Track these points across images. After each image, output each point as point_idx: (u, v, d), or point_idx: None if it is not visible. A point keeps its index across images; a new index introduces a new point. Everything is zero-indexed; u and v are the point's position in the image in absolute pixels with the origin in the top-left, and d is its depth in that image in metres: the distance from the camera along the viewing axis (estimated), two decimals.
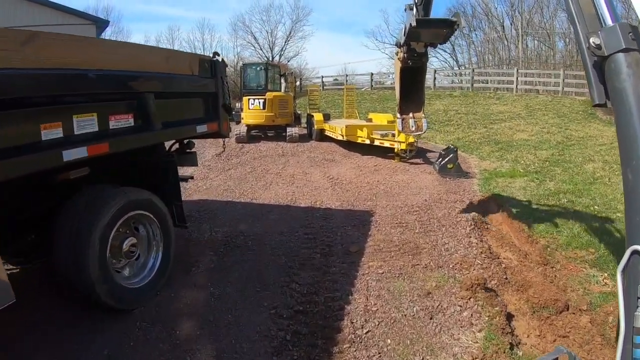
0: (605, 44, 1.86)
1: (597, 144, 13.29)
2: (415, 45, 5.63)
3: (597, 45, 1.90)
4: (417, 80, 6.29)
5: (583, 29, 2.00)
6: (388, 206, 7.84)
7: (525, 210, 7.87)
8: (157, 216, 4.73)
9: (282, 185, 9.71)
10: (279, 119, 16.32)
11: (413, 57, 5.81)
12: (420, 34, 5.27)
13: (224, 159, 13.00)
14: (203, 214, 7.63)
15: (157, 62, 4.73)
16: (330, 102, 25.92)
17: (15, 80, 2.97)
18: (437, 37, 5.44)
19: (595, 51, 1.91)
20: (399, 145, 11.65)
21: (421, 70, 6.20)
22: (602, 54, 1.87)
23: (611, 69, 1.83)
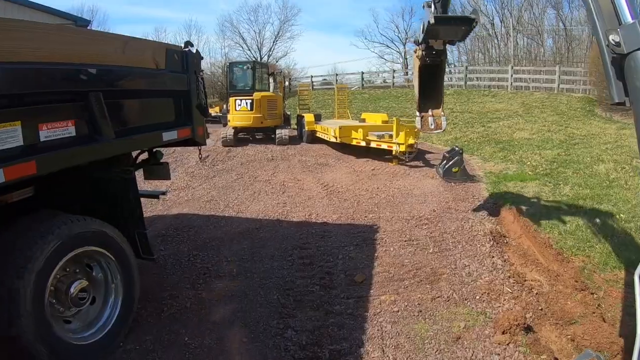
0: (625, 41, 1.76)
1: (602, 143, 12.36)
2: (434, 43, 5.38)
3: (617, 43, 1.80)
4: (435, 78, 5.99)
5: (602, 26, 1.89)
6: (393, 218, 6.78)
7: (544, 220, 6.84)
8: (113, 251, 3.61)
9: (271, 194, 8.59)
10: (268, 121, 15.20)
11: (431, 55, 5.54)
12: (439, 31, 5.03)
13: (208, 165, 11.85)
14: (182, 233, 6.51)
15: (108, 52, 3.59)
16: (320, 102, 24.86)
17: None
18: (456, 34, 5.19)
19: (614, 49, 1.81)
20: (397, 147, 10.60)
21: (440, 68, 5.87)
22: (622, 51, 1.78)
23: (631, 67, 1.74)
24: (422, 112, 6.07)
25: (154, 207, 7.96)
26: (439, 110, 6.05)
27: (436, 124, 6.02)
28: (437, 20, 4.67)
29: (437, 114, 6.02)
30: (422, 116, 6.07)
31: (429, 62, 5.65)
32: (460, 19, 5.00)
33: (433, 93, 6.04)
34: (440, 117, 6.03)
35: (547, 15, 30.59)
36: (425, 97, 6.02)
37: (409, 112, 19.49)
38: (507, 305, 4.49)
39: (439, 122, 6.03)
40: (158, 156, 4.85)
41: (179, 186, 9.70)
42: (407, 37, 44.70)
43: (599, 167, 9.85)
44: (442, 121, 6.04)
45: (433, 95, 6.05)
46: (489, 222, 6.82)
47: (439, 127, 6.05)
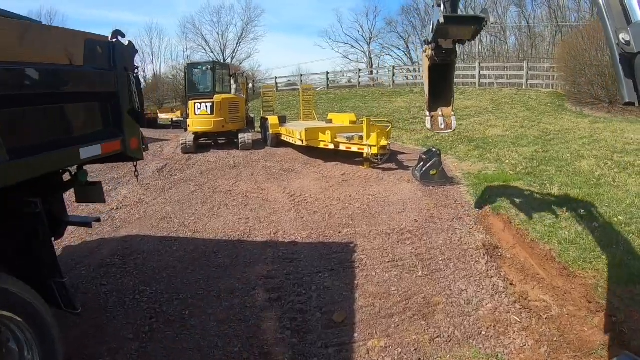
0: (635, 40, 1.68)
1: (577, 138, 11.92)
2: (443, 42, 5.25)
3: (627, 42, 1.70)
4: (445, 78, 5.84)
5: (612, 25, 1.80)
6: (371, 233, 5.92)
7: (539, 227, 6.14)
8: (21, 313, 2.59)
9: (233, 208, 7.59)
10: (230, 125, 14.12)
11: (441, 54, 5.41)
12: (449, 30, 4.90)
13: (165, 175, 10.70)
14: (128, 261, 5.46)
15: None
16: (285, 104, 23.91)
17: None
18: (466, 33, 5.00)
19: (624, 48, 1.71)
20: (369, 150, 9.78)
21: (450, 67, 5.76)
22: (632, 50, 1.68)
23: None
24: (432, 112, 5.94)
25: (100, 229, 6.87)
26: (449, 109, 5.90)
27: (446, 123, 5.88)
28: (446, 19, 4.49)
29: (447, 114, 5.87)
30: (432, 116, 5.93)
31: (439, 61, 5.51)
32: (470, 18, 4.84)
33: (443, 92, 5.90)
34: (451, 116, 5.87)
35: (510, 13, 30.78)
36: (435, 96, 5.90)
37: (376, 111, 18.81)
38: (518, 340, 3.71)
39: (449, 122, 5.88)
40: (80, 178, 3.81)
41: (131, 201, 8.57)
42: (372, 36, 44.49)
43: (581, 164, 9.30)
44: (452, 121, 5.89)
45: (443, 95, 5.92)
46: (478, 231, 6.07)
47: (449, 127, 5.92)
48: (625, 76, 1.79)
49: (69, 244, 6.09)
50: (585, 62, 15.38)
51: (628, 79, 1.78)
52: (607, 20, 1.86)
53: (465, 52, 31.32)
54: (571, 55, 16.00)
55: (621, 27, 1.79)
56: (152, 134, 18.94)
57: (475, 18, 4.68)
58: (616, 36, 1.79)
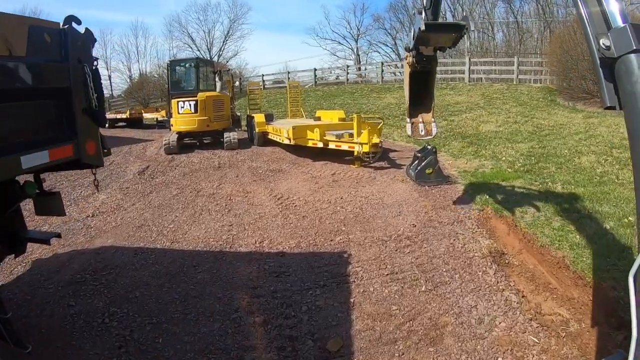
0: (615, 45, 1.69)
1: (573, 133, 11.53)
2: (424, 50, 5.25)
3: (607, 47, 1.71)
4: (426, 84, 5.88)
5: (592, 30, 1.80)
6: (366, 240, 5.38)
7: (547, 230, 5.66)
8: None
9: (215, 213, 6.99)
10: (215, 123, 13.49)
11: (422, 61, 5.42)
12: (429, 38, 4.91)
13: (146, 178, 10.05)
14: (100, 277, 4.86)
15: None
16: (272, 102, 23.30)
17: None
18: (447, 41, 5.03)
19: (605, 52, 1.72)
20: (360, 148, 9.24)
21: (430, 74, 5.80)
22: (612, 55, 1.69)
23: (622, 71, 1.66)
24: (413, 119, 5.95)
25: (73, 239, 6.28)
26: (430, 116, 5.91)
27: (426, 130, 5.89)
28: (427, 27, 4.50)
29: (427, 120, 5.88)
30: (413, 122, 5.93)
31: (419, 68, 5.52)
32: (450, 26, 4.89)
33: (423, 99, 5.92)
34: (431, 123, 5.88)
35: (498, 9, 30.52)
36: (415, 103, 5.92)
37: (365, 108, 18.30)
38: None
39: (429, 129, 5.89)
40: (28, 191, 3.22)
41: (109, 207, 7.94)
42: (359, 33, 43.95)
43: (581, 160, 8.88)
44: (433, 127, 5.90)
45: (423, 102, 5.93)
46: (482, 236, 5.56)
47: (429, 134, 5.90)
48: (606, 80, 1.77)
49: (40, 256, 5.49)
50: (577, 57, 15.03)
51: (609, 83, 1.76)
52: (587, 25, 1.85)
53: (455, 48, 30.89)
54: (563, 49, 15.63)
55: (601, 32, 1.78)
56: (136, 134, 18.29)
57: (455, 25, 4.69)
58: (597, 41, 1.78)
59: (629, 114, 1.68)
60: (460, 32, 4.71)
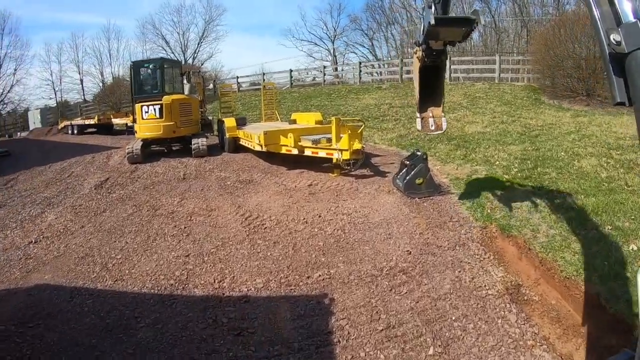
0: (626, 40, 1.60)
1: (564, 133, 10.62)
2: (434, 44, 5.02)
3: (617, 42, 1.62)
4: (436, 79, 5.65)
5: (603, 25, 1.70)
6: (352, 277, 4.22)
7: (565, 254, 4.61)
8: None
9: (171, 239, 5.74)
10: (182, 129, 12.13)
11: (432, 56, 5.20)
12: (439, 32, 4.67)
13: (104, 192, 8.72)
14: (25, 331, 3.75)
15: None
16: (247, 105, 21.97)
17: None
18: (456, 35, 4.75)
19: (615, 48, 1.63)
20: (339, 155, 8.09)
21: (440, 68, 5.59)
22: (623, 50, 1.61)
23: (632, 66, 1.59)
24: (422, 113, 5.69)
25: (9, 273, 5.24)
26: (440, 110, 5.66)
27: (436, 124, 5.60)
28: (437, 21, 4.29)
29: (437, 115, 5.62)
30: (423, 117, 5.65)
31: (429, 63, 5.30)
32: (460, 20, 4.61)
33: (433, 94, 5.68)
34: (441, 117, 5.61)
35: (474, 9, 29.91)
36: (425, 98, 5.68)
37: (343, 109, 17.18)
38: None
39: (439, 123, 5.59)
40: None
41: (55, 230, 6.68)
42: (336, 34, 42.84)
43: (581, 164, 7.91)
44: (443, 122, 5.61)
45: (433, 96, 5.70)
46: (491, 264, 4.48)
47: (439, 128, 5.65)
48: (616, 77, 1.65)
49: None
50: (562, 55, 14.27)
51: (619, 79, 1.64)
52: (597, 20, 1.72)
53: None
54: (547, 47, 14.84)
55: (612, 27, 1.67)
56: (103, 141, 16.79)
57: (465, 19, 4.45)
58: (607, 36, 1.66)
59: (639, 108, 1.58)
60: (470, 26, 4.44)
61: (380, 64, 28.88)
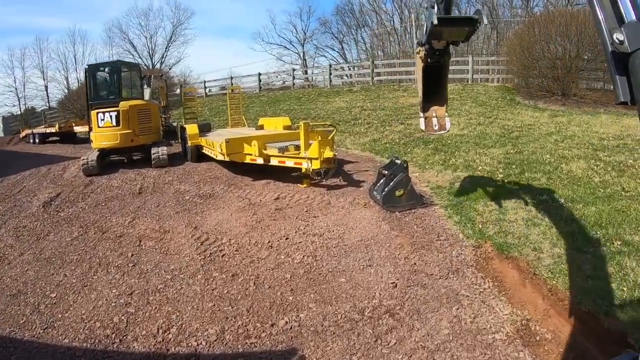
0: (629, 39, 1.58)
1: (545, 134, 10.07)
2: (437, 44, 4.86)
3: (621, 41, 1.59)
4: (439, 79, 5.43)
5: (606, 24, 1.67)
6: (326, 322, 3.35)
7: (578, 280, 3.90)
8: None
9: (115, 272, 4.75)
10: (141, 137, 11.01)
11: (435, 56, 5.06)
12: (443, 32, 4.55)
13: (52, 211, 7.58)
14: None
15: None
16: (214, 110, 20.91)
17: None
18: (459, 35, 4.61)
19: (618, 47, 1.59)
20: (308, 164, 7.23)
21: (443, 68, 5.36)
22: (626, 49, 1.58)
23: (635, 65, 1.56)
24: (426, 113, 5.59)
25: None
26: (443, 110, 5.52)
27: (440, 124, 5.50)
28: (440, 21, 4.20)
29: (440, 115, 5.49)
30: (426, 117, 5.54)
31: (432, 62, 5.21)
32: (463, 20, 4.53)
33: (436, 93, 5.56)
34: (444, 117, 5.45)
35: None
36: (428, 97, 5.58)
37: (313, 113, 16.35)
38: None
39: (443, 123, 5.47)
40: None
41: None
42: (306, 37, 42.06)
43: (570, 167, 7.29)
44: (446, 122, 5.46)
45: (437, 96, 5.58)
46: (493, 296, 3.71)
47: (443, 128, 5.52)
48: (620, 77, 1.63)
49: None
50: (537, 55, 13.90)
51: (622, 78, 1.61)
52: (600, 19, 1.70)
53: (402, 51, 29.86)
54: (522, 47, 14.43)
55: (614, 27, 1.65)
56: (64, 151, 15.46)
57: (468, 19, 4.38)
58: (610, 36, 1.63)
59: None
60: (473, 25, 4.35)
61: (350, 66, 28.25)
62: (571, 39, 13.13)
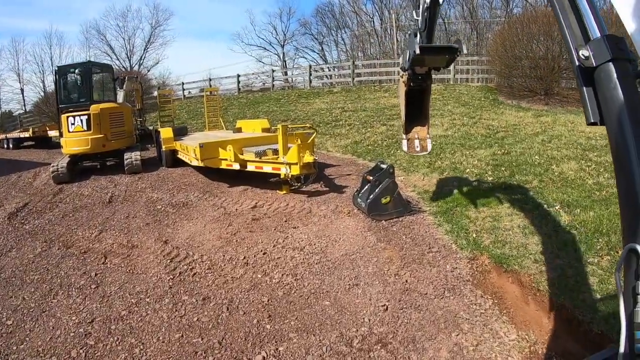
0: (594, 55, 1.76)
1: (531, 134, 9.83)
2: (419, 69, 5.02)
3: (586, 57, 1.78)
4: (421, 102, 5.56)
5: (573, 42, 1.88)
6: (310, 356, 2.93)
7: (581, 294, 3.57)
8: None
9: (76, 295, 4.21)
10: (114, 142, 10.39)
11: (417, 80, 5.19)
12: (425, 59, 4.61)
13: (17, 223, 6.93)
14: None
15: None
16: (192, 113, 20.26)
17: None
18: (441, 62, 4.72)
19: (584, 62, 1.79)
20: (287, 170, 6.78)
21: (425, 92, 5.49)
22: (591, 64, 1.77)
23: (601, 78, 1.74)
24: (408, 135, 5.73)
25: None
26: (425, 132, 5.65)
27: (422, 146, 5.63)
28: (422, 50, 4.31)
29: (422, 137, 5.65)
30: (409, 139, 5.71)
31: (415, 87, 5.31)
32: (444, 49, 4.52)
33: (418, 116, 5.68)
34: (426, 139, 5.62)
35: None
36: (411, 120, 5.67)
37: (293, 115, 15.90)
38: None
39: (424, 145, 5.62)
40: None
41: None
42: (286, 38, 41.54)
43: (561, 169, 7.01)
44: (428, 143, 5.61)
45: (419, 118, 5.70)
46: (497, 318, 3.31)
47: (424, 149, 5.61)
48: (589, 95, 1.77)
49: None
50: (520, 55, 13.75)
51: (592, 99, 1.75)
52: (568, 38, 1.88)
53: (382, 51, 29.65)
54: (504, 47, 14.26)
55: (581, 44, 1.82)
56: (37, 156, 14.61)
57: (449, 48, 4.44)
58: (577, 53, 1.81)
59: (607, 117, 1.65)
60: (453, 54, 4.46)
61: (330, 67, 27.86)
62: (554, 38, 12.98)
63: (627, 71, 1.69)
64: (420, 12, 4.52)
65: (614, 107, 1.67)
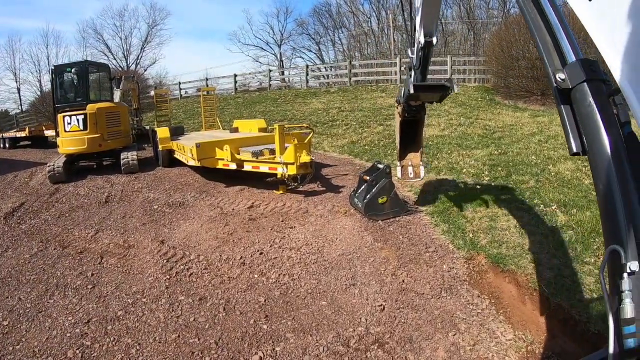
0: (570, 77, 1.88)
1: (528, 134, 9.86)
2: (413, 103, 5.29)
3: (563, 79, 1.90)
4: (415, 131, 5.90)
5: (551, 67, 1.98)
6: (307, 356, 2.93)
7: (576, 294, 3.58)
8: None
9: (72, 295, 4.19)
10: (110, 142, 10.39)
11: (411, 111, 5.49)
12: (419, 96, 5.00)
13: (13, 223, 6.92)
14: None
15: None
16: (189, 112, 20.23)
17: None
18: (434, 97, 5.04)
19: (560, 84, 1.91)
20: (284, 170, 6.78)
21: (419, 122, 5.79)
22: (567, 86, 1.89)
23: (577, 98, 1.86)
24: (402, 162, 6.00)
25: None
26: (418, 158, 5.96)
27: (415, 172, 5.92)
28: (416, 88, 4.62)
29: (415, 163, 5.95)
30: (402, 166, 5.97)
31: (409, 117, 5.60)
32: (437, 87, 4.83)
33: (412, 144, 5.99)
34: (419, 166, 5.92)
35: None
36: (405, 147, 5.99)
37: (290, 115, 15.91)
38: None
39: (418, 171, 5.91)
40: None
41: None
42: (283, 38, 41.51)
43: (558, 169, 7.03)
44: (421, 170, 5.91)
45: (412, 146, 6.01)
46: (494, 318, 3.32)
47: (417, 176, 5.92)
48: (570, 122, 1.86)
49: None
50: (517, 55, 13.78)
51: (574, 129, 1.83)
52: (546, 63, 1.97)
53: (379, 51, 29.70)
54: (501, 47, 14.30)
55: (558, 68, 1.91)
56: (34, 156, 14.60)
57: (441, 86, 4.67)
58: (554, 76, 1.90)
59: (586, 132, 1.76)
60: (446, 91, 4.69)
61: (327, 67, 27.86)
62: None
63: (600, 90, 1.78)
64: (415, 50, 4.67)
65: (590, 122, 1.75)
